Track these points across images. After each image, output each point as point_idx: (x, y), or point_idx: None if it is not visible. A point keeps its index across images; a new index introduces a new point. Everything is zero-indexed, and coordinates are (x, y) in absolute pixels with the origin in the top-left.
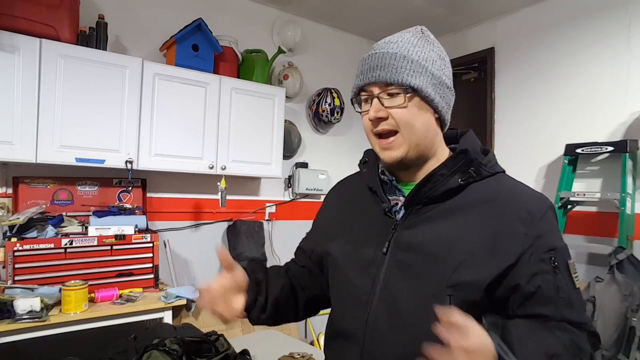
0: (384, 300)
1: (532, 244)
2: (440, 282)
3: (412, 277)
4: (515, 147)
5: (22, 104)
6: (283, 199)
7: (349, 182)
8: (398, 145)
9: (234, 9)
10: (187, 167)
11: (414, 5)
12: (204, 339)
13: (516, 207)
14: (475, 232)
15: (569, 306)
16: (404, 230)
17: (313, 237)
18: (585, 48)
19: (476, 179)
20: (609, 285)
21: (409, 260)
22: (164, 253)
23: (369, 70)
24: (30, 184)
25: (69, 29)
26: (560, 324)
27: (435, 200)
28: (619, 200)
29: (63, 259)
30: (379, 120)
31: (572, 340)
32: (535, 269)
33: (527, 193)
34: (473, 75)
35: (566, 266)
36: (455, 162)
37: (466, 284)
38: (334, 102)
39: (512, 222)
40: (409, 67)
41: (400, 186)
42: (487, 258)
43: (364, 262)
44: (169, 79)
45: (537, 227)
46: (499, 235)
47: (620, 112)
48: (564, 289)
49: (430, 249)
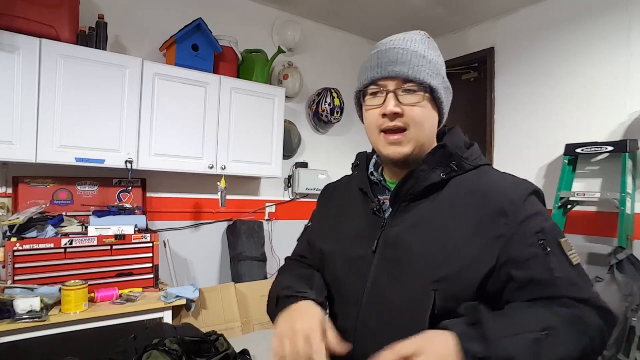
0: (372, 297)
1: (516, 231)
2: (426, 277)
3: (399, 274)
4: (515, 147)
5: (22, 104)
6: (283, 199)
7: (339, 185)
8: (407, 142)
9: (234, 9)
10: (187, 167)
11: (414, 6)
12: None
13: (498, 199)
14: (458, 226)
15: (571, 284)
16: (391, 228)
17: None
18: (585, 48)
19: (459, 173)
20: (609, 285)
21: (395, 258)
22: (164, 253)
23: (388, 64)
24: (30, 184)
25: (69, 29)
26: (560, 301)
27: (419, 196)
28: (619, 200)
29: (63, 259)
30: (395, 116)
31: (574, 315)
32: (525, 255)
33: (510, 182)
34: (473, 75)
35: (558, 245)
36: (434, 157)
37: (450, 278)
38: (334, 102)
39: (494, 214)
40: (427, 66)
41: (390, 186)
42: (470, 252)
43: (355, 260)
44: (169, 79)
45: (520, 214)
46: (482, 228)
47: (620, 112)
48: (559, 269)
49: (416, 245)
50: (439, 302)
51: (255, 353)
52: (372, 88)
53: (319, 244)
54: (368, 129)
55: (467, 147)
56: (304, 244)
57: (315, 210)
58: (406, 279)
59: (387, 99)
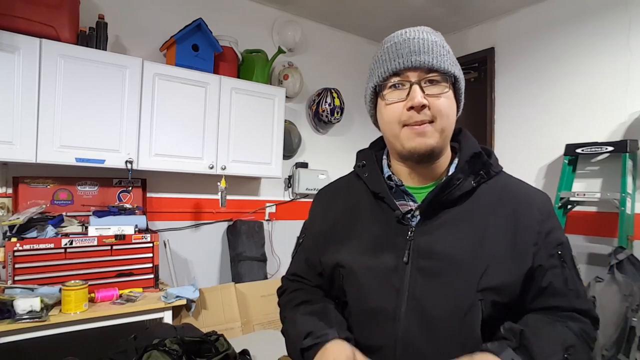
0: (413, 310)
1: (544, 240)
2: (469, 287)
3: (439, 285)
4: (515, 147)
5: (22, 104)
6: (283, 199)
7: (339, 188)
8: (432, 133)
9: (234, 9)
10: (187, 167)
11: (414, 6)
12: (204, 339)
13: (528, 207)
14: (495, 234)
15: (577, 296)
16: (421, 236)
17: (315, 249)
18: (585, 48)
19: (486, 180)
20: (609, 285)
21: (433, 268)
22: (164, 253)
23: (410, 54)
24: (30, 184)
25: (69, 29)
26: (571, 315)
27: (448, 204)
28: (619, 200)
29: (63, 259)
30: (423, 108)
31: (582, 330)
32: (547, 264)
33: (532, 191)
34: (473, 75)
35: (571, 259)
36: (471, 166)
37: (495, 287)
38: (334, 102)
39: (529, 222)
40: (448, 56)
41: (410, 191)
42: (511, 260)
43: (385, 272)
44: (169, 79)
45: (547, 225)
46: (518, 236)
47: (620, 112)
48: (572, 280)
49: (454, 255)
50: (485, 311)
51: (255, 353)
52: (392, 80)
53: (329, 255)
54: (387, 125)
55: (487, 153)
56: (300, 262)
57: (311, 220)
58: (449, 290)
59: (412, 91)
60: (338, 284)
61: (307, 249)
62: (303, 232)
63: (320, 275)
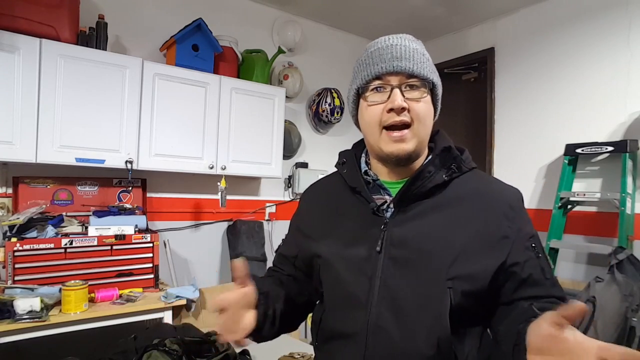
0: (384, 298)
1: (518, 235)
2: (439, 276)
3: (410, 273)
4: (515, 147)
5: (22, 104)
6: (283, 199)
7: (323, 185)
8: (410, 139)
9: (233, 9)
10: (187, 167)
11: (414, 5)
12: (204, 339)
13: (499, 202)
14: (465, 226)
15: (553, 285)
16: (394, 227)
17: (295, 241)
18: (585, 48)
19: (458, 175)
20: (609, 285)
21: (404, 257)
22: (164, 253)
23: (392, 60)
24: (30, 184)
25: (69, 29)
26: (550, 300)
27: (421, 196)
28: (619, 200)
29: (63, 259)
30: (402, 111)
31: None
32: (524, 257)
33: (504, 187)
34: (473, 75)
35: (542, 250)
36: (441, 159)
37: (464, 276)
38: (334, 102)
39: (499, 216)
40: (428, 63)
41: (385, 185)
42: (480, 250)
43: (358, 261)
44: (169, 79)
45: (518, 220)
46: (489, 228)
47: (620, 112)
48: (547, 271)
49: (424, 244)
50: (454, 299)
51: (255, 353)
52: (375, 83)
53: (309, 247)
54: (367, 127)
55: (459, 150)
56: (279, 255)
57: (296, 215)
58: (419, 278)
59: (393, 94)
60: (316, 274)
61: (287, 242)
62: (289, 226)
63: (294, 267)
